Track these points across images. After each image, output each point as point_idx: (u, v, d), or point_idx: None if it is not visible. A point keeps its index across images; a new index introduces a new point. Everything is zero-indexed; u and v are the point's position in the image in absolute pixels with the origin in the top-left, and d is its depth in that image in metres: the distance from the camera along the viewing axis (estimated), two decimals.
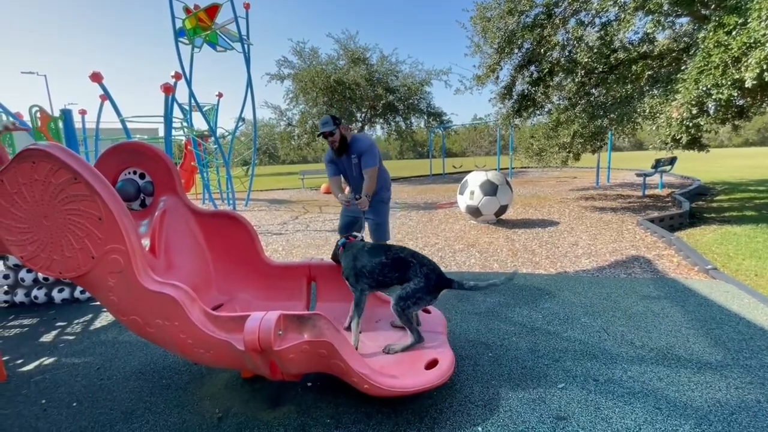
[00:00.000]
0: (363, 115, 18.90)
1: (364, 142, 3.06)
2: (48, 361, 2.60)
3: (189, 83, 9.01)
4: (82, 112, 10.30)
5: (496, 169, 16.57)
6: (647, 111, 5.89)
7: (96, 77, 6.85)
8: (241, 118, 11.19)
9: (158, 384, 2.22)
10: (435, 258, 4.89)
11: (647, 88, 6.49)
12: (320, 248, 5.76)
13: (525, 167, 20.00)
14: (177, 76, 7.83)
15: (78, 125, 10.22)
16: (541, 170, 19.80)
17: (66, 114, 4.59)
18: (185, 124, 10.06)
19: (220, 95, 11.86)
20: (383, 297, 2.47)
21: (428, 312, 2.39)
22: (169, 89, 6.93)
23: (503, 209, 6.51)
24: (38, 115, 4.11)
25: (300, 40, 17.16)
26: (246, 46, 9.42)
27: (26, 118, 4.72)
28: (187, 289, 1.68)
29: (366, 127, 19.68)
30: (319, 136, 3.39)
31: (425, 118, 19.31)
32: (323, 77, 16.08)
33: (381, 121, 19.47)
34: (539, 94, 8.06)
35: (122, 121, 7.13)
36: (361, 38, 41.78)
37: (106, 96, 7.30)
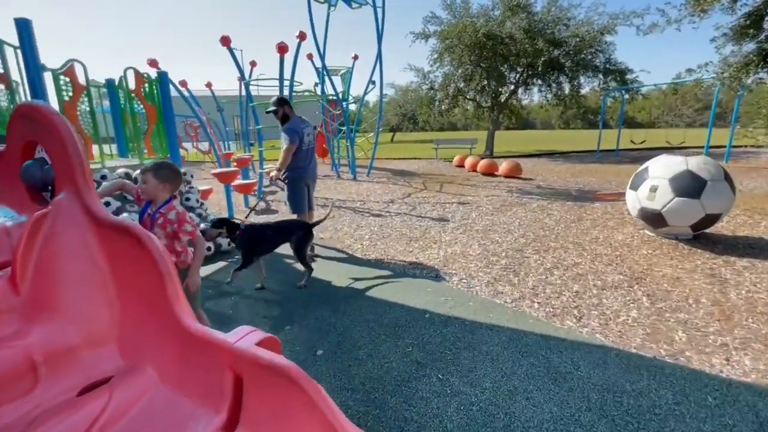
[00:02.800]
0: (517, 75, 16.03)
1: (288, 125, 3.71)
2: None
3: (317, 45, 8.60)
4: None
5: (703, 152, 11.82)
6: None
7: (225, 41, 6.91)
8: (371, 81, 10.46)
9: None
10: (566, 291, 3.11)
11: None
12: (409, 243, 4.55)
13: (754, 146, 13.88)
14: (301, 36, 7.40)
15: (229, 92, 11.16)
16: None
17: (162, 77, 4.45)
18: (315, 88, 9.89)
19: (355, 57, 11.34)
20: None
21: None
22: (283, 49, 6.52)
23: (711, 221, 3.96)
24: (132, 77, 3.90)
25: None
26: None
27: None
28: None
29: (520, 91, 16.79)
30: (268, 113, 3.89)
31: (600, 77, 15.13)
32: (471, 31, 13.95)
33: (539, 82, 16.20)
34: None
35: (246, 85, 7.16)
36: None
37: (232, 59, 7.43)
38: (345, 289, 3.36)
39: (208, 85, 11.15)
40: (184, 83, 9.48)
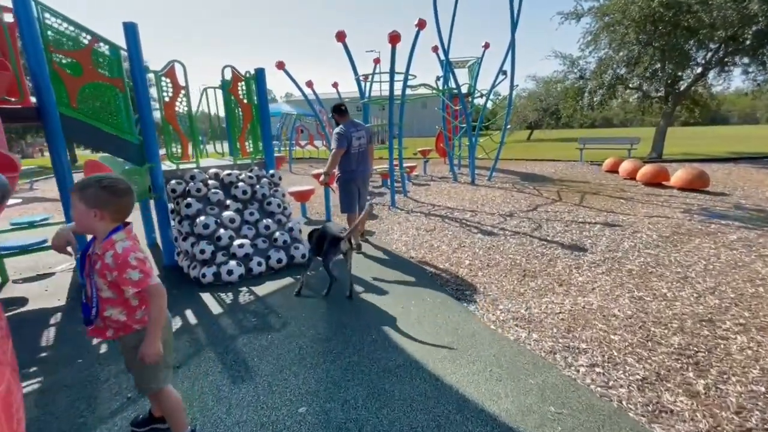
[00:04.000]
0: (709, 54, 12.12)
1: (336, 129, 3.92)
2: None
3: (440, 34, 7.74)
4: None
5: None
6: None
7: (340, 36, 6.68)
8: (501, 72, 9.08)
9: None
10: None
11: None
12: (522, 280, 3.36)
13: None
14: (420, 24, 6.68)
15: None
16: None
17: (259, 74, 4.29)
18: (437, 82, 9.06)
19: (486, 46, 10.09)
20: None
21: None
22: (395, 38, 5.88)
23: None
24: (230, 75, 3.80)
25: None
26: None
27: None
28: None
29: (710, 74, 12.71)
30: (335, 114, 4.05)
31: None
32: (642, 1, 11.01)
33: (745, 61, 11.91)
34: None
35: (357, 81, 6.81)
36: None
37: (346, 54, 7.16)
38: (394, 348, 2.48)
39: (335, 85, 11.45)
40: (310, 83, 9.83)
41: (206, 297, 3.21)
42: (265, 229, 3.71)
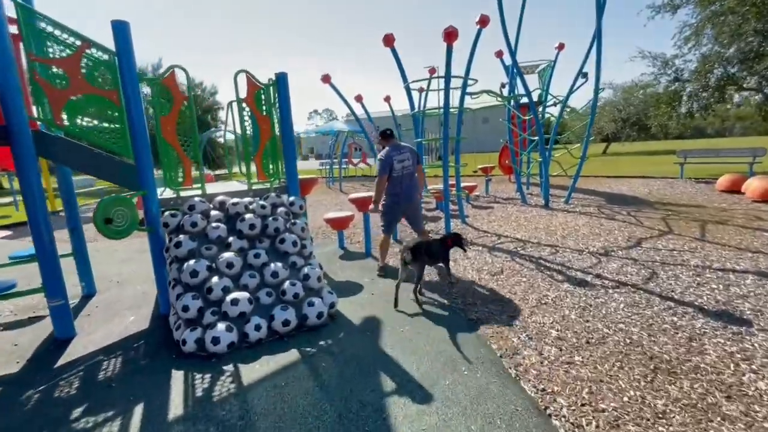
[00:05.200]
0: None
1: (378, 156, 3.92)
2: None
3: (506, 34, 6.57)
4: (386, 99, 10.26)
5: None
6: None
7: (388, 41, 5.84)
8: (581, 74, 7.60)
9: None
10: None
11: None
12: (651, 379, 2.06)
13: None
14: (482, 22, 5.62)
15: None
16: None
17: (280, 80, 3.49)
18: (502, 90, 7.83)
19: (560, 47, 8.68)
20: None
21: None
22: (451, 35, 4.84)
23: None
24: (244, 83, 3.07)
25: None
26: None
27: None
28: None
29: None
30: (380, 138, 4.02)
31: None
32: None
33: None
34: None
35: (407, 89, 5.86)
36: None
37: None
38: None
39: (387, 99, 10.69)
40: (359, 97, 9.14)
41: (179, 376, 2.35)
42: (273, 277, 2.81)
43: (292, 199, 3.40)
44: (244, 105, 3.42)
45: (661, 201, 7.40)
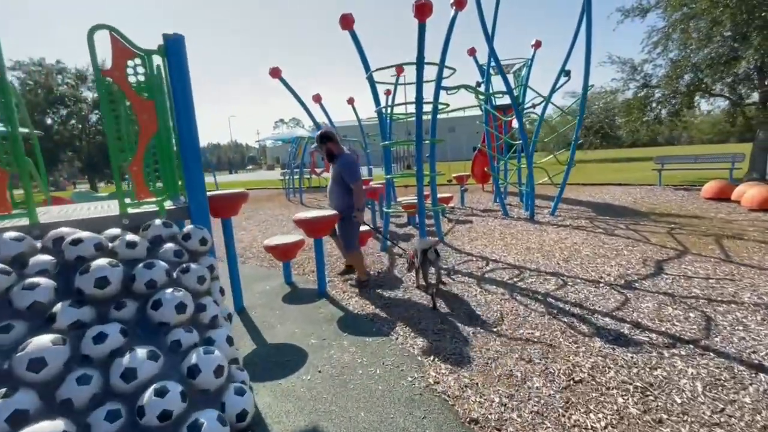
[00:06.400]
0: None
1: (347, 159, 3.65)
2: None
3: (483, 22, 5.67)
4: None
5: None
6: None
7: (346, 22, 4.73)
8: (563, 72, 6.85)
9: None
10: None
11: None
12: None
13: None
14: (459, 3, 4.64)
15: None
16: None
17: (170, 46, 2.25)
18: (478, 88, 6.93)
19: (537, 45, 7.96)
20: None
21: None
22: (423, 8, 3.80)
23: None
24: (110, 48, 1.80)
25: None
26: None
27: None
28: None
29: None
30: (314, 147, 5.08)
31: None
32: None
33: None
34: None
35: (369, 79, 4.76)
36: None
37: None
38: None
39: (350, 101, 9.59)
40: (318, 97, 7.98)
41: None
42: (125, 379, 1.54)
43: (187, 229, 2.14)
44: (109, 81, 2.15)
45: (653, 211, 6.70)
